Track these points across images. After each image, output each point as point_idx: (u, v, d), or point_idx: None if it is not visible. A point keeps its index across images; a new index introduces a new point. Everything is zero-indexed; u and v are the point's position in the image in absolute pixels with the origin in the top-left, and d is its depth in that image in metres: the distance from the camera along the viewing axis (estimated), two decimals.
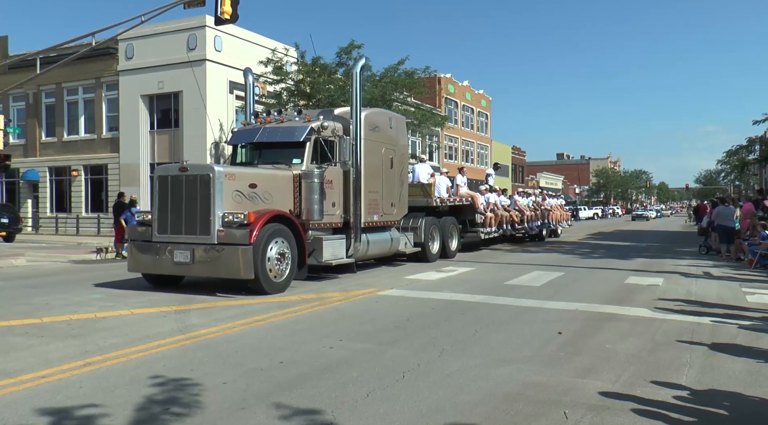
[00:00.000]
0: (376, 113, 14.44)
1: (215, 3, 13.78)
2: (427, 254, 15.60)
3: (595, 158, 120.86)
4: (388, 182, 13.74)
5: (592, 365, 5.78)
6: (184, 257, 9.93)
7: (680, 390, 4.97)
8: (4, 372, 5.44)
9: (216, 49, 25.75)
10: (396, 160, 14.13)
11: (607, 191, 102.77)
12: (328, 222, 11.77)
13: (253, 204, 10.35)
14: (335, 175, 12.03)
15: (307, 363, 5.77)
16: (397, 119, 14.94)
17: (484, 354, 6.16)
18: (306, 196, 11.07)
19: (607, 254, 19.22)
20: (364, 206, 12.52)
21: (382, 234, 13.61)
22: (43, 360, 5.89)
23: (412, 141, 35.45)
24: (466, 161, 53.58)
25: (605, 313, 8.51)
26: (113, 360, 5.91)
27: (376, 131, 13.21)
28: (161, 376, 5.28)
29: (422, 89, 27.05)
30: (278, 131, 12.03)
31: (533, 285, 11.37)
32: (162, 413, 4.40)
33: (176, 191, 10.24)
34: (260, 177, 10.86)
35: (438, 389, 5.00)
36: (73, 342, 6.63)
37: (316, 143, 11.72)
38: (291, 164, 11.51)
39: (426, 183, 16.76)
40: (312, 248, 11.34)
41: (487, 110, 59.34)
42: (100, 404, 4.56)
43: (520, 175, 70.85)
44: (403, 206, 14.58)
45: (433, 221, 16.05)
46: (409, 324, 7.69)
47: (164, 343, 6.60)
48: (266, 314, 8.30)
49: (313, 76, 23.18)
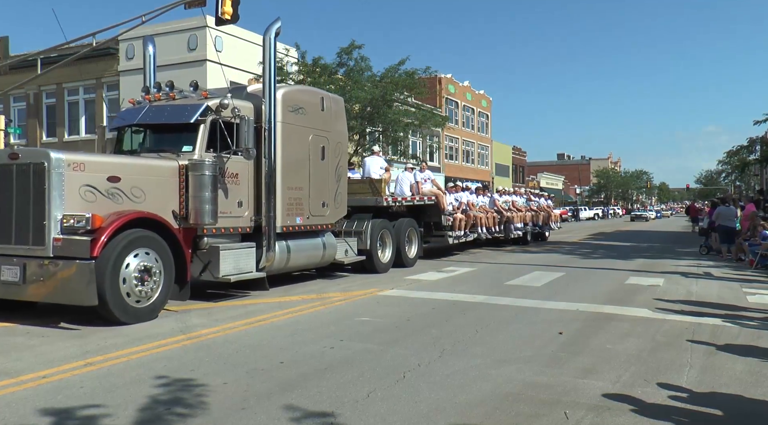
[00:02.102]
0: (300, 91, 12.09)
1: (216, 3, 13.75)
2: (375, 263, 13.16)
3: (595, 159, 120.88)
4: (318, 176, 11.29)
5: (593, 365, 5.78)
6: (12, 274, 7.48)
7: (681, 391, 4.98)
8: (5, 372, 5.45)
9: (216, 49, 25.71)
10: (330, 150, 11.62)
11: (608, 191, 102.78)
12: (231, 227, 9.58)
13: (115, 204, 7.96)
14: (242, 167, 9.68)
15: (308, 363, 5.78)
16: (333, 101, 12.18)
17: (485, 354, 6.16)
18: (194, 193, 8.73)
19: (607, 254, 19.22)
20: (281, 206, 10.23)
21: (312, 241, 11.25)
22: (44, 360, 5.90)
23: (412, 142, 35.38)
24: (466, 162, 53.64)
25: (606, 313, 8.51)
26: (114, 360, 5.91)
27: (299, 114, 10.76)
28: (162, 376, 5.28)
29: (423, 89, 27.01)
30: (165, 110, 9.52)
31: (534, 285, 11.37)
32: (164, 413, 4.40)
33: (4, 186, 7.78)
34: (126, 168, 8.31)
35: (439, 389, 5.00)
36: (74, 342, 6.64)
37: (215, 126, 9.20)
38: (181, 153, 9.10)
39: (376, 179, 14.27)
40: (207, 259, 9.19)
41: (488, 111, 59.36)
42: (102, 404, 4.57)
43: (520, 175, 70.90)
44: (341, 206, 12.21)
45: (384, 224, 13.64)
46: (410, 324, 7.69)
47: (165, 343, 6.61)
48: (267, 315, 8.30)
49: (313, 77, 23.17)
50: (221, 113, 9.27)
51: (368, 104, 23.81)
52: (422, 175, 16.49)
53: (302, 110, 10.91)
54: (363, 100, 23.13)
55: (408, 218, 14.80)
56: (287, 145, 10.40)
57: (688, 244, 24.26)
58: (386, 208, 14.15)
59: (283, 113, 10.31)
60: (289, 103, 10.60)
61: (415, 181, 16.06)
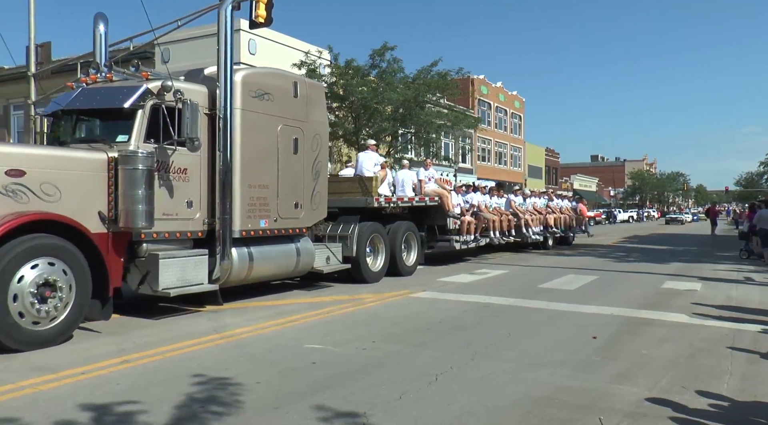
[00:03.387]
0: (265, 73, 10.11)
1: (250, 7, 13.91)
2: (363, 272, 11.66)
3: (630, 160, 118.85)
4: (290, 173, 9.88)
5: (628, 370, 5.68)
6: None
7: (721, 399, 4.86)
8: (46, 368, 5.59)
9: (250, 52, 26.06)
10: (305, 142, 10.19)
11: (643, 193, 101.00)
12: (178, 231, 8.25)
13: (16, 203, 6.53)
14: (193, 161, 8.41)
15: (340, 364, 5.80)
16: (309, 87, 10.61)
17: (518, 358, 6.11)
18: (124, 191, 7.38)
19: (642, 257, 18.89)
20: (240, 207, 8.94)
21: (282, 247, 9.80)
22: (83, 356, 6.04)
23: (444, 143, 35.24)
24: (499, 164, 53.24)
25: (641, 318, 8.36)
26: (150, 357, 6.02)
27: (265, 100, 9.40)
28: (197, 375, 5.36)
29: (455, 91, 26.88)
30: (98, 94, 8.19)
31: (567, 289, 11.23)
32: (199, 411, 4.47)
33: None
34: (33, 160, 6.85)
35: (471, 392, 4.98)
36: (111, 340, 6.78)
37: (156, 112, 7.89)
38: (114, 143, 7.78)
39: (367, 177, 12.69)
40: (146, 269, 7.88)
41: (521, 112, 58.86)
42: (138, 401, 4.66)
43: (553, 177, 70.11)
44: (320, 207, 10.74)
45: (375, 227, 12.18)
46: (442, 326, 7.67)
47: (199, 342, 6.71)
48: (299, 315, 8.36)
49: (346, 79, 23.26)
50: (164, 97, 7.95)
51: (400, 106, 23.79)
52: (426, 173, 15.01)
53: (269, 95, 9.49)
54: (395, 101, 23.12)
55: (406, 222, 13.44)
56: (249, 136, 9.08)
57: (727, 248, 23.68)
58: (378, 209, 12.71)
59: (243, 98, 9.03)
60: (252, 88, 9.24)
61: (417, 180, 14.66)
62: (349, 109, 23.91)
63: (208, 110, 8.67)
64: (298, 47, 26.23)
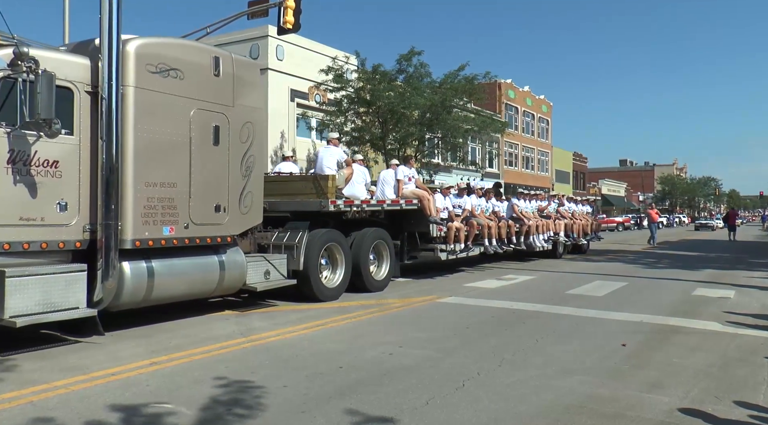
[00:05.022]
0: (170, 45, 7.97)
1: (278, 13, 14.06)
2: (314, 288, 9.74)
3: (660, 165, 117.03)
4: (208, 168, 8.11)
5: (659, 379, 5.57)
6: None
7: (757, 410, 4.73)
8: (78, 368, 5.70)
9: (278, 58, 26.29)
10: (230, 131, 8.41)
11: (673, 198, 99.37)
12: (44, 241, 6.62)
13: None
14: (67, 152, 6.84)
15: (367, 369, 5.79)
16: (237, 64, 8.65)
17: (545, 365, 6.04)
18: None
19: (672, 264, 18.54)
20: (134, 211, 7.25)
21: (198, 260, 8.07)
22: (113, 357, 6.13)
23: (471, 148, 35.06)
24: (526, 168, 52.86)
25: (671, 325, 8.20)
26: (178, 360, 6.09)
27: (170, 77, 7.64)
28: (224, 377, 5.40)
29: (482, 95, 26.82)
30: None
31: (595, 295, 11.08)
32: (225, 413, 4.50)
33: None
34: None
35: (498, 399, 4.93)
36: (140, 342, 6.87)
37: (10, 88, 6.43)
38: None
39: (322, 175, 10.80)
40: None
41: (548, 116, 58.40)
42: (167, 402, 4.72)
43: (581, 182, 69.36)
44: (252, 210, 8.87)
45: (331, 235, 10.29)
46: (469, 332, 7.62)
47: (226, 345, 6.76)
48: (326, 319, 8.38)
49: (373, 84, 23.35)
50: (20, 68, 6.33)
51: (427, 111, 23.79)
52: (406, 172, 12.96)
53: (176, 72, 7.70)
54: (422, 106, 23.13)
55: (374, 228, 11.41)
56: (146, 121, 7.40)
57: (763, 255, 23.15)
58: (337, 214, 10.74)
59: (138, 73, 7.30)
60: (150, 61, 7.47)
61: (395, 180, 12.73)
62: (376, 114, 23.98)
63: (90, 88, 7.04)
64: (326, 53, 26.42)
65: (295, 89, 26.72)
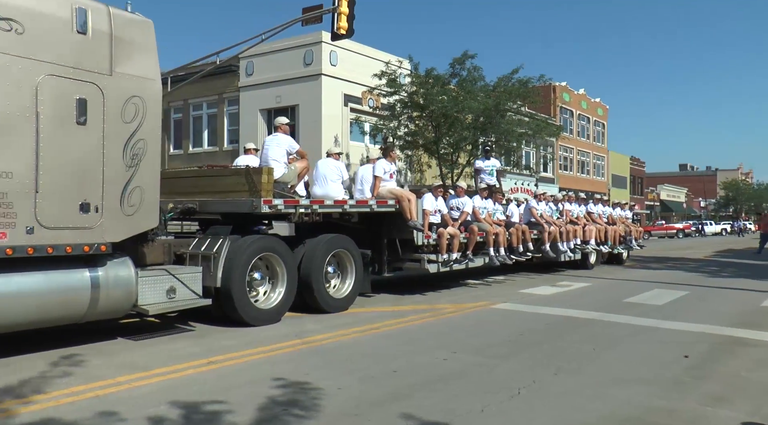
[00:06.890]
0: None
1: (331, 19, 14.20)
2: (238, 309, 7.84)
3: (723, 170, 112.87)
4: (69, 154, 6.22)
5: (723, 393, 5.36)
6: None
7: None
8: (140, 366, 5.89)
9: (331, 63, 26.58)
10: (105, 108, 6.51)
11: (738, 204, 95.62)
12: None
13: None
14: None
15: (420, 374, 5.79)
16: (115, 19, 6.67)
17: (601, 374, 5.90)
18: None
19: (738, 273, 17.82)
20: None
21: (51, 276, 6.15)
22: (172, 356, 6.32)
23: (525, 152, 34.60)
24: (581, 173, 51.81)
25: (737, 337, 7.88)
26: (234, 360, 6.23)
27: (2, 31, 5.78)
28: (279, 378, 5.49)
29: (537, 98, 26.42)
30: None
31: (655, 304, 10.75)
32: (281, 413, 4.57)
33: None
34: None
35: (554, 407, 4.84)
36: (198, 342, 7.06)
37: None
38: None
39: (256, 168, 8.90)
40: None
41: (604, 119, 57.11)
42: (224, 401, 4.82)
43: (639, 187, 67.50)
44: (142, 210, 6.86)
45: (266, 243, 8.32)
46: (523, 339, 7.52)
47: (281, 346, 6.87)
48: (379, 323, 8.41)
49: (426, 88, 23.33)
50: None
51: (481, 114, 23.62)
52: (386, 167, 10.96)
53: (11, 23, 5.84)
54: (476, 110, 22.96)
55: (332, 235, 9.47)
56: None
57: None
58: (280, 216, 8.76)
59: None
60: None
61: (373, 176, 10.83)
62: (429, 118, 23.95)
63: None
64: (378, 57, 26.56)
65: (348, 94, 26.95)
